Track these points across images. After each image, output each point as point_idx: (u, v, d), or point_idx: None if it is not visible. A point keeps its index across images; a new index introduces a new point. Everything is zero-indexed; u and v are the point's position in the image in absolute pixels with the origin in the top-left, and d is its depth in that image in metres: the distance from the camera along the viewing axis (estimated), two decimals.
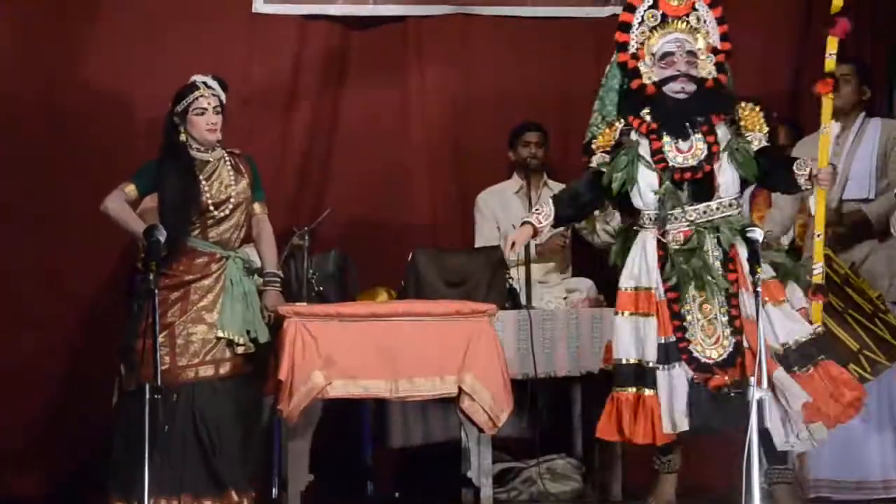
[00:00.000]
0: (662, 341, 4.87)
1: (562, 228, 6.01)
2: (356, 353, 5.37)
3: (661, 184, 4.88)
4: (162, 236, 4.85)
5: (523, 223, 5.09)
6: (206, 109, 5.46)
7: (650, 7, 5.01)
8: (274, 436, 5.89)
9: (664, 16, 5.00)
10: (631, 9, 5.04)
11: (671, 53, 4.92)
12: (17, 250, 6.54)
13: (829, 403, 4.80)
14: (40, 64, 6.65)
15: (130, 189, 5.46)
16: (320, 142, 7.03)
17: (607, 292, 6.37)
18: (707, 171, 4.89)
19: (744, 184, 5.10)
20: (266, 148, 6.65)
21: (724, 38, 5.07)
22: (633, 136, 4.95)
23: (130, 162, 5.78)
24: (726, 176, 4.93)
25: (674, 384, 4.82)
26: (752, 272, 4.57)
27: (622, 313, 4.99)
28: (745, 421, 4.44)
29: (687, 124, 4.90)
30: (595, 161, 5.04)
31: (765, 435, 4.65)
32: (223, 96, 5.54)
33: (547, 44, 7.11)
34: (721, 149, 4.91)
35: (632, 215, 5.14)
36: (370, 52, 7.11)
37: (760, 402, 4.46)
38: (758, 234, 4.72)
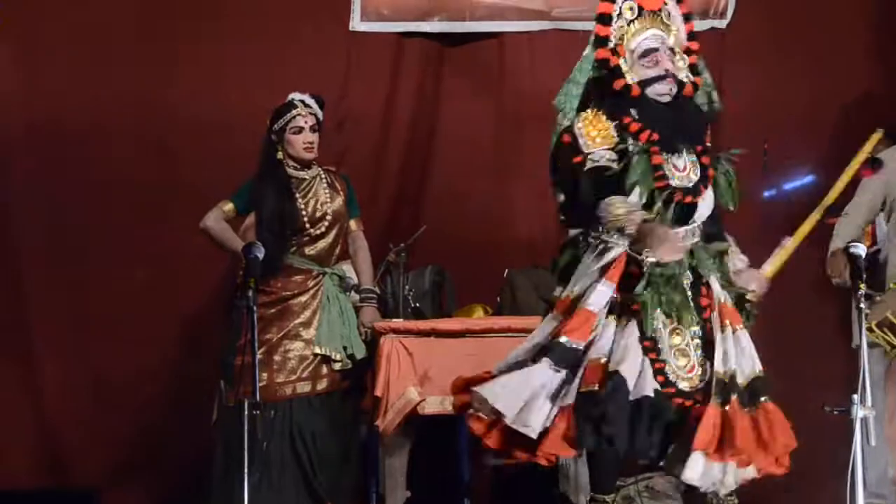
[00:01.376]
0: (560, 340, 4.35)
1: None
2: (452, 369, 5.34)
3: (650, 199, 4.36)
4: (260, 253, 4.87)
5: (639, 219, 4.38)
6: (302, 128, 5.51)
7: None
8: (371, 452, 5.90)
9: (640, 9, 4.47)
10: None
11: (654, 50, 4.41)
12: (120, 271, 6.64)
13: (760, 454, 4.45)
14: (137, 89, 6.72)
15: (229, 208, 5.52)
16: (416, 159, 7.04)
17: None
18: (701, 195, 4.45)
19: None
20: (362, 165, 6.68)
21: (691, 37, 4.58)
22: (630, 141, 4.40)
23: (231, 181, 5.84)
24: (707, 200, 4.50)
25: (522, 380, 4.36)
26: (855, 288, 4.41)
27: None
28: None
29: (683, 142, 4.43)
30: (599, 158, 4.39)
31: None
32: (320, 114, 5.58)
33: None
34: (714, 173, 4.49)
35: (587, 224, 4.50)
36: (466, 68, 7.12)
37: (864, 421, 4.38)
38: (861, 250, 4.56)
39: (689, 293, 4.41)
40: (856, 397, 4.38)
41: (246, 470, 4.59)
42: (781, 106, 6.95)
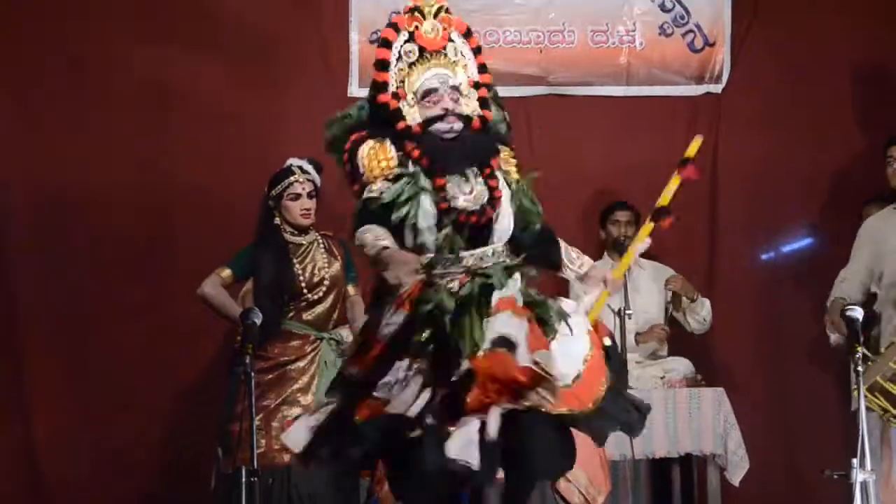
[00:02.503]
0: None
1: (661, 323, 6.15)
2: None
3: (439, 224, 4.29)
4: (258, 319, 4.87)
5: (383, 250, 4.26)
6: (300, 195, 5.52)
7: (406, 41, 4.45)
8: None
9: (422, 50, 4.45)
10: (387, 44, 4.46)
11: (434, 90, 4.39)
12: (119, 338, 6.62)
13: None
14: (132, 155, 6.75)
15: (227, 274, 5.52)
16: None
17: (705, 372, 6.32)
18: (489, 216, 4.35)
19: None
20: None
21: (482, 69, 4.55)
22: (411, 166, 4.33)
23: (228, 247, 5.85)
24: (503, 222, 4.41)
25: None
26: (852, 352, 4.44)
27: None
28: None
29: (464, 165, 4.36)
30: (377, 189, 4.33)
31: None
32: (318, 180, 5.59)
33: (639, 124, 7.09)
34: (503, 194, 4.41)
35: None
36: None
37: (864, 485, 4.38)
38: (858, 314, 4.60)
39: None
40: (855, 461, 4.38)
41: None
42: (777, 169, 7.00)
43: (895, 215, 5.97)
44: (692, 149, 4.95)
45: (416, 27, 4.43)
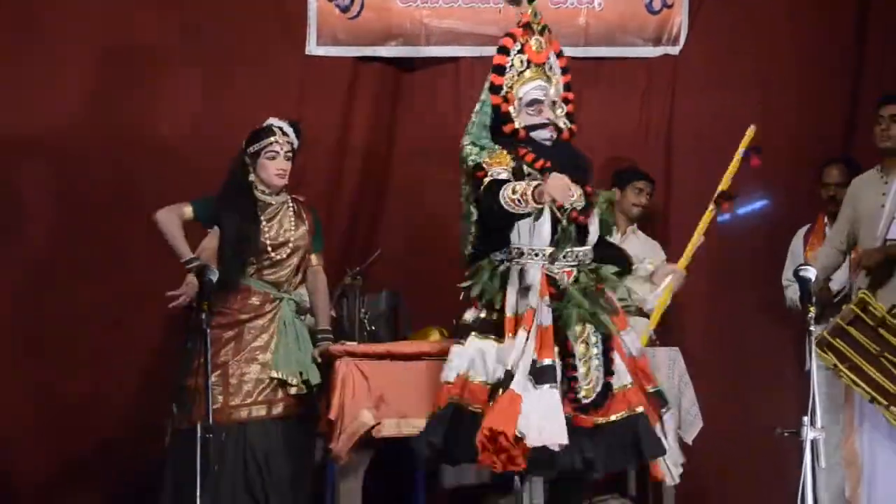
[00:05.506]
0: (538, 363, 4.67)
1: None
2: (408, 392, 5.35)
3: (554, 220, 4.79)
4: (214, 276, 4.86)
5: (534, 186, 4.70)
6: (277, 154, 5.51)
7: (518, 52, 4.97)
8: (326, 475, 5.89)
9: (529, 61, 4.97)
10: (505, 51, 4.98)
11: (539, 101, 4.92)
12: (77, 293, 6.62)
13: None
14: (92, 113, 6.76)
15: (187, 210, 5.49)
16: (372, 182, 7.07)
17: (660, 332, 6.37)
18: (588, 217, 4.89)
19: None
20: (318, 188, 6.70)
21: (567, 88, 5.07)
22: (526, 169, 4.84)
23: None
24: (595, 225, 4.95)
25: (545, 399, 4.63)
26: (805, 311, 4.53)
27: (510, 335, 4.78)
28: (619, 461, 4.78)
29: (574, 169, 4.81)
30: (497, 173, 4.80)
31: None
32: (296, 143, 5.59)
33: (596, 84, 7.11)
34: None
35: (496, 248, 4.92)
36: (421, 93, 7.15)
37: (814, 443, 4.44)
38: (810, 273, 4.71)
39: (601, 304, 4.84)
40: (806, 419, 4.43)
41: (199, 495, 4.57)
42: (732, 130, 7.03)
43: (875, 178, 5.94)
44: (748, 138, 5.46)
45: (527, 40, 4.97)
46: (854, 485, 5.63)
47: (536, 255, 4.83)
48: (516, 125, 4.89)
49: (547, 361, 4.65)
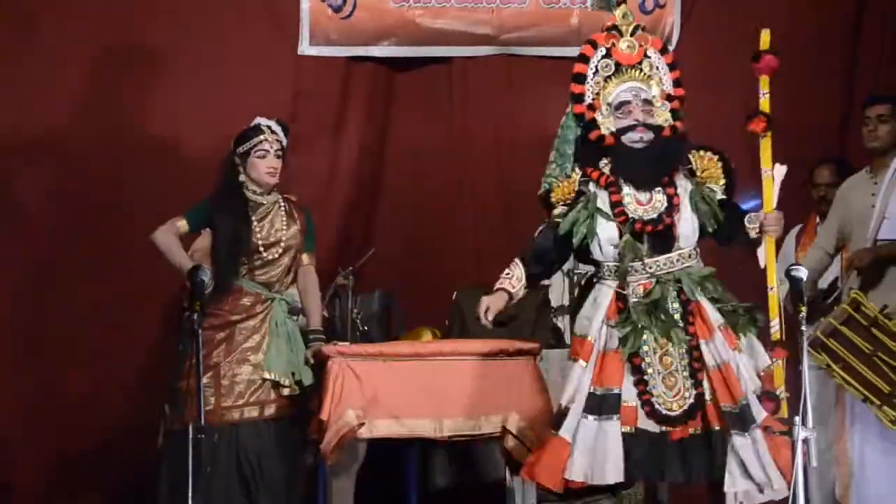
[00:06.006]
0: (598, 392, 4.69)
1: None
2: (400, 392, 5.35)
3: (621, 236, 4.74)
4: (206, 277, 4.85)
5: (497, 290, 4.91)
6: (267, 152, 5.51)
7: (603, 57, 4.92)
8: (319, 476, 5.89)
9: (618, 65, 4.90)
10: (584, 59, 4.93)
11: (627, 102, 4.84)
12: (77, 293, 6.63)
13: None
14: (84, 113, 6.77)
15: (182, 224, 5.50)
16: (365, 182, 7.07)
17: None
18: (668, 224, 4.77)
19: (702, 233, 4.92)
20: (311, 188, 6.68)
21: (676, 83, 5.00)
22: (591, 187, 4.82)
23: (180, 204, 5.80)
24: (686, 227, 4.81)
25: (601, 435, 4.64)
26: (796, 311, 4.54)
27: (574, 359, 4.83)
28: (712, 472, 4.62)
29: (647, 176, 4.80)
30: (556, 214, 4.88)
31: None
32: (285, 141, 5.58)
33: None
34: (682, 200, 4.82)
35: (594, 266, 4.97)
36: (415, 93, 7.16)
37: (807, 442, 4.44)
38: (802, 273, 4.71)
39: (680, 321, 4.73)
40: (798, 419, 4.44)
41: (190, 496, 4.57)
42: (724, 132, 7.03)
43: (865, 179, 5.92)
44: (764, 41, 5.27)
45: (613, 44, 4.91)
46: (844, 485, 5.64)
47: (611, 271, 4.80)
48: (602, 131, 4.83)
49: (606, 389, 4.66)
